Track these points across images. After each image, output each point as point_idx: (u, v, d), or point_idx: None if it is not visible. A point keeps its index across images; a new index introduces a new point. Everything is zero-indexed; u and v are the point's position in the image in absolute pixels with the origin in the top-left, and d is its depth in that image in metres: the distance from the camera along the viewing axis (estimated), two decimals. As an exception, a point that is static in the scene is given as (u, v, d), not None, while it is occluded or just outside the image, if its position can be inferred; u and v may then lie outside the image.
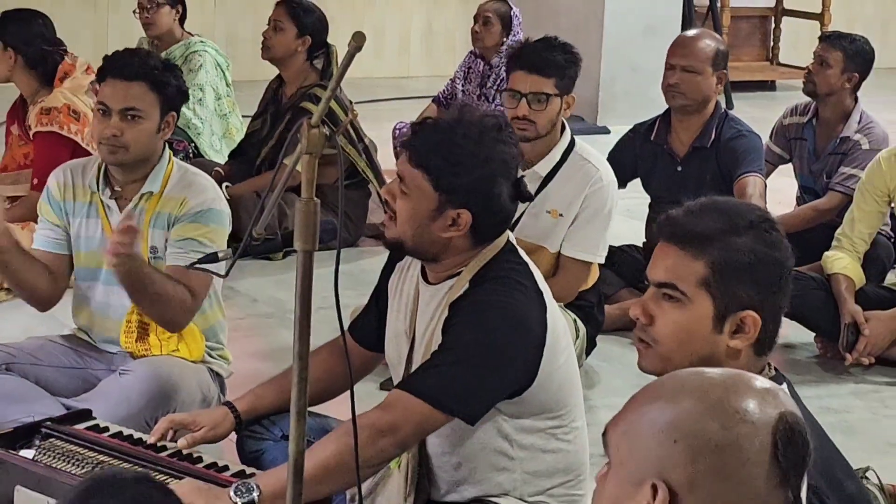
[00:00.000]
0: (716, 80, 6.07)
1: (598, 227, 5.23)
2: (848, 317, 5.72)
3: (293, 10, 7.12)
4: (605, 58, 10.48)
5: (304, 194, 3.30)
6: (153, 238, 4.46)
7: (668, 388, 1.88)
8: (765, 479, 1.80)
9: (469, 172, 3.43)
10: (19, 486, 3.64)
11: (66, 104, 6.13)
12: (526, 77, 5.18)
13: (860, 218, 5.98)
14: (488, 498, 3.61)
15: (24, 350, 4.61)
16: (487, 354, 3.41)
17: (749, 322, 2.64)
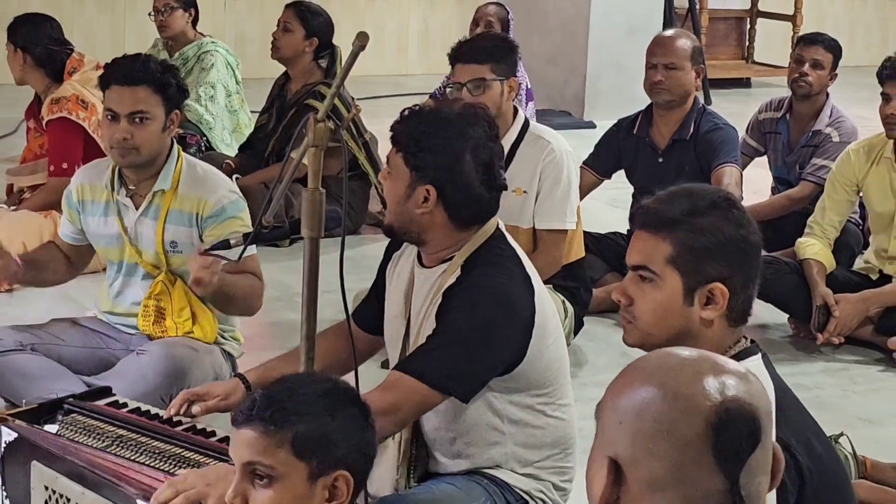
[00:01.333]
0: (694, 74, 6.07)
1: (560, 195, 5.22)
2: (819, 299, 5.72)
3: (301, 12, 7.11)
4: (591, 57, 10.46)
5: (310, 185, 3.30)
6: (170, 233, 4.47)
7: (631, 372, 1.88)
8: (700, 463, 1.78)
9: (435, 150, 3.45)
10: (35, 461, 3.65)
11: (75, 94, 6.14)
12: (463, 68, 5.22)
13: (831, 206, 5.99)
14: (482, 470, 3.62)
15: (47, 331, 4.62)
16: (479, 337, 3.42)
17: (717, 293, 2.66)
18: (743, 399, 1.81)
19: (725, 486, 1.78)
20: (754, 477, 1.80)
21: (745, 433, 1.79)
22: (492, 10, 8.21)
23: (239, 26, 11.45)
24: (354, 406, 2.60)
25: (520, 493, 3.62)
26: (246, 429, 2.50)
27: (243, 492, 2.50)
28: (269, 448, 2.48)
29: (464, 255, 3.52)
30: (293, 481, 2.50)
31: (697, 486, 1.79)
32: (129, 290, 4.59)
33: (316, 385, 2.59)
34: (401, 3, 12.74)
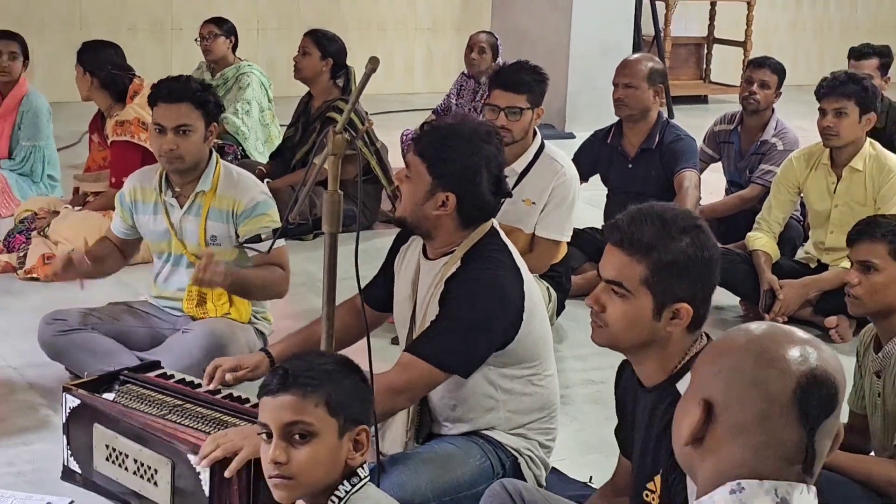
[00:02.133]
0: (653, 93, 6.05)
1: (563, 212, 5.23)
2: (766, 284, 5.73)
3: (317, 38, 7.11)
4: (571, 77, 10.45)
5: (330, 187, 3.30)
6: (211, 228, 4.49)
7: (723, 343, 1.91)
8: (786, 416, 1.80)
9: (457, 162, 3.45)
10: (97, 423, 3.66)
11: (136, 117, 6.11)
12: (503, 94, 5.20)
13: (776, 205, 5.99)
14: (479, 431, 3.63)
15: (106, 313, 4.63)
16: (477, 322, 3.43)
17: (683, 312, 2.65)
18: (827, 368, 1.82)
19: (802, 439, 1.80)
20: (824, 437, 1.82)
21: (827, 397, 1.81)
22: (483, 37, 8.26)
23: (270, 52, 11.45)
24: (357, 374, 2.63)
25: (511, 450, 3.62)
26: (284, 395, 2.51)
27: (284, 450, 2.50)
28: (308, 408, 2.50)
29: (463, 250, 3.53)
30: (327, 436, 2.52)
31: (777, 435, 1.81)
32: (175, 277, 4.61)
33: (326, 358, 2.62)
34: (408, 32, 12.73)
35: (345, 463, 2.55)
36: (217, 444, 3.28)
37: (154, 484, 3.48)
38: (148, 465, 3.48)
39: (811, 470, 1.80)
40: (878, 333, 3.63)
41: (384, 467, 3.44)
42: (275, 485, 2.53)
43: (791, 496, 1.80)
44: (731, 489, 1.80)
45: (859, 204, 5.68)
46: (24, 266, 5.99)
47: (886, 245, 3.58)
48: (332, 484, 2.54)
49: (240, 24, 8.56)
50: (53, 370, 4.60)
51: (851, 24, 14.79)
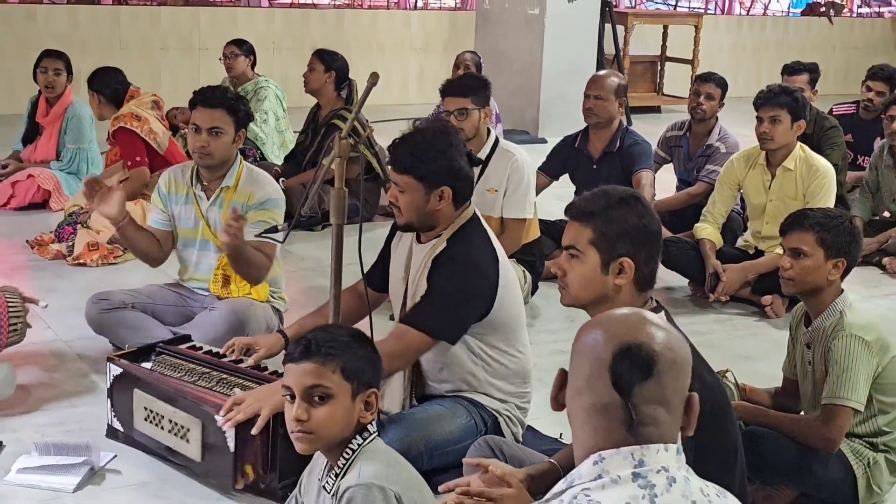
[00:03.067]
0: (618, 104, 6.06)
1: (521, 193, 5.23)
2: (711, 268, 5.74)
3: (322, 55, 7.11)
4: (543, 90, 10.44)
5: (336, 185, 3.31)
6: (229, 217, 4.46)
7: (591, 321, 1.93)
8: (601, 379, 1.82)
9: (435, 161, 3.47)
10: (136, 389, 3.66)
11: (130, 112, 6.23)
12: (451, 100, 5.25)
13: (719, 200, 6.00)
14: (463, 393, 3.64)
15: (143, 294, 4.62)
16: (460, 296, 3.45)
17: (626, 266, 2.69)
18: (647, 343, 1.81)
19: (618, 400, 1.80)
20: (649, 403, 1.80)
21: (638, 365, 1.80)
22: (468, 56, 8.27)
23: (284, 69, 11.43)
24: (368, 344, 2.65)
25: (492, 411, 3.64)
26: (305, 362, 2.54)
27: (306, 409, 2.53)
28: (327, 373, 2.53)
29: (448, 233, 3.55)
30: (343, 398, 2.55)
31: (599, 397, 1.82)
32: (203, 261, 4.59)
33: (342, 331, 2.64)
34: (403, 51, 12.71)
35: (357, 421, 2.57)
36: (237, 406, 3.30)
37: (186, 441, 3.48)
38: (181, 424, 3.49)
39: (634, 430, 1.78)
40: (807, 310, 3.64)
41: (384, 425, 3.45)
42: (297, 438, 2.56)
43: (647, 457, 1.78)
44: (594, 461, 1.80)
45: (791, 198, 5.69)
46: (73, 253, 5.98)
47: (814, 234, 3.58)
48: (347, 438, 2.57)
49: (258, 45, 8.54)
50: (98, 343, 4.59)
51: (785, 44, 14.80)
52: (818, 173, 5.68)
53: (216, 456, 3.41)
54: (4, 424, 3.92)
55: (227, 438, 3.34)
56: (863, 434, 3.53)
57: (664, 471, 1.78)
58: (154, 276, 5.02)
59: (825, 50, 15.02)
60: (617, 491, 1.75)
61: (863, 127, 7.70)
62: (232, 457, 3.35)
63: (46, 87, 7.03)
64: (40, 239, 6.18)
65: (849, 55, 15.32)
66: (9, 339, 4.07)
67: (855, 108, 7.82)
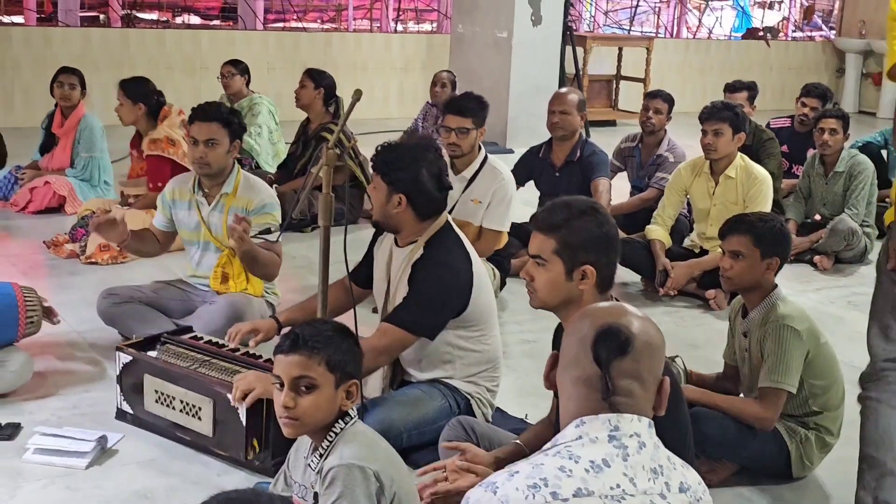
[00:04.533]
0: (579, 118, 6.08)
1: (503, 208, 5.23)
2: (661, 266, 5.76)
3: (312, 73, 7.08)
4: (511, 105, 10.44)
5: (325, 191, 3.31)
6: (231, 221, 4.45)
7: (583, 309, 2.01)
8: (585, 356, 1.87)
9: (401, 170, 3.47)
10: (147, 374, 3.65)
11: (166, 136, 6.09)
12: (453, 118, 5.20)
13: (668, 204, 6.02)
14: (440, 379, 3.65)
15: (149, 289, 4.60)
16: (438, 296, 3.45)
17: (588, 272, 2.68)
18: (624, 325, 1.88)
19: (598, 372, 1.85)
20: (623, 377, 1.85)
21: (615, 343, 1.86)
22: (444, 75, 8.27)
23: (277, 86, 11.38)
24: (351, 338, 2.64)
25: (465, 394, 3.64)
26: (294, 354, 2.53)
27: (293, 398, 2.53)
28: (313, 365, 2.52)
29: (424, 239, 3.54)
30: (327, 388, 2.53)
31: (584, 371, 1.87)
32: (205, 260, 4.58)
33: (327, 326, 2.62)
34: (384, 70, 12.69)
35: (339, 408, 2.57)
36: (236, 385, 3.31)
37: (198, 418, 3.49)
38: (193, 403, 3.50)
39: (610, 400, 1.84)
40: (745, 303, 3.67)
41: (366, 408, 3.45)
42: (284, 423, 2.55)
43: (622, 424, 1.83)
44: (576, 425, 1.85)
45: (732, 203, 5.72)
46: (85, 253, 5.95)
47: (750, 237, 3.61)
48: (329, 423, 2.56)
49: (253, 64, 8.51)
50: (109, 334, 4.57)
51: (727, 64, 14.85)
52: (757, 180, 5.71)
53: (227, 430, 3.43)
54: (23, 407, 3.90)
55: (240, 415, 3.36)
56: (796, 414, 3.56)
57: (636, 436, 1.84)
58: (159, 273, 5.00)
59: (763, 70, 15.08)
60: (594, 448, 1.81)
61: (797, 139, 7.74)
62: (244, 431, 3.37)
63: (62, 99, 6.98)
64: (56, 240, 6.15)
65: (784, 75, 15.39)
66: (26, 329, 4.05)
67: (790, 121, 7.87)
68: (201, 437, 3.51)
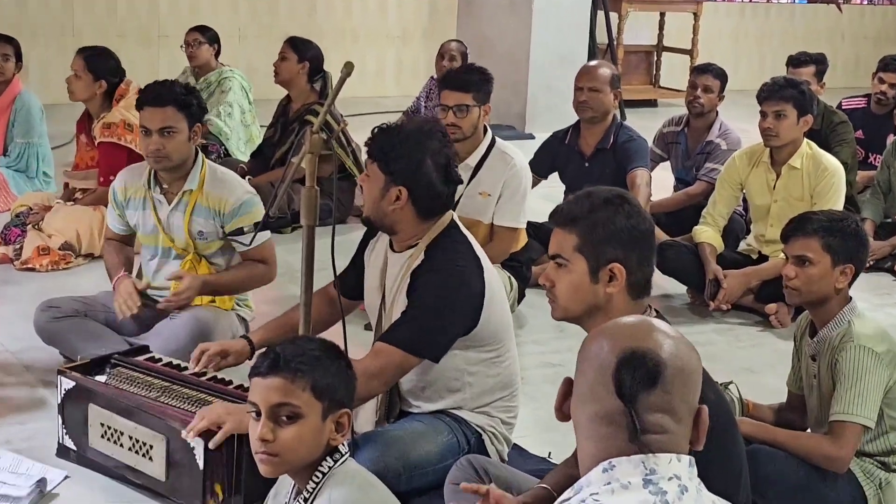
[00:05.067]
0: (613, 96, 6.09)
1: (517, 201, 5.23)
2: (711, 274, 5.76)
3: (294, 43, 7.10)
4: (531, 82, 10.46)
5: (308, 184, 3.31)
6: (198, 224, 4.46)
7: (594, 330, 1.98)
8: (605, 386, 1.85)
9: (403, 158, 3.46)
10: (91, 404, 3.65)
11: (122, 119, 6.04)
12: (450, 94, 5.20)
13: (720, 201, 6.02)
14: (446, 410, 3.64)
15: (98, 301, 4.61)
16: (442, 310, 3.43)
17: (616, 272, 2.68)
18: (653, 350, 1.85)
19: (621, 408, 1.83)
20: (653, 412, 1.83)
21: (643, 373, 1.83)
22: (453, 45, 8.26)
23: (250, 58, 11.42)
24: (342, 359, 2.63)
25: (475, 427, 3.63)
26: (273, 377, 2.52)
27: (271, 429, 2.51)
28: (296, 391, 2.51)
29: (426, 242, 3.53)
30: (312, 418, 2.52)
31: (602, 403, 1.85)
32: (165, 267, 4.58)
33: (315, 344, 2.62)
34: (379, 40, 12.72)
35: (327, 442, 2.56)
36: (202, 416, 3.31)
37: (149, 458, 3.48)
38: (143, 441, 3.49)
39: (638, 440, 1.82)
40: (813, 320, 3.66)
41: (357, 444, 3.45)
42: (261, 460, 2.54)
43: (658, 465, 1.82)
44: (604, 468, 1.83)
45: (797, 199, 5.72)
46: (21, 257, 5.96)
47: (819, 240, 3.60)
48: (315, 461, 2.56)
49: (222, 32, 8.53)
50: (48, 354, 4.58)
51: (790, 32, 14.87)
52: (826, 172, 5.71)
53: (183, 474, 3.41)
54: (-54, 443, 3.91)
55: (196, 455, 3.34)
56: (874, 453, 3.55)
57: (676, 478, 1.83)
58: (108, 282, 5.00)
59: (833, 39, 15.10)
60: (627, 496, 1.80)
61: (874, 122, 7.74)
62: (201, 474, 3.35)
63: (-8, 73, 7.00)
64: (-16, 242, 6.16)
65: (859, 45, 15.41)
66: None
67: (866, 101, 7.87)
68: (153, 480, 3.51)
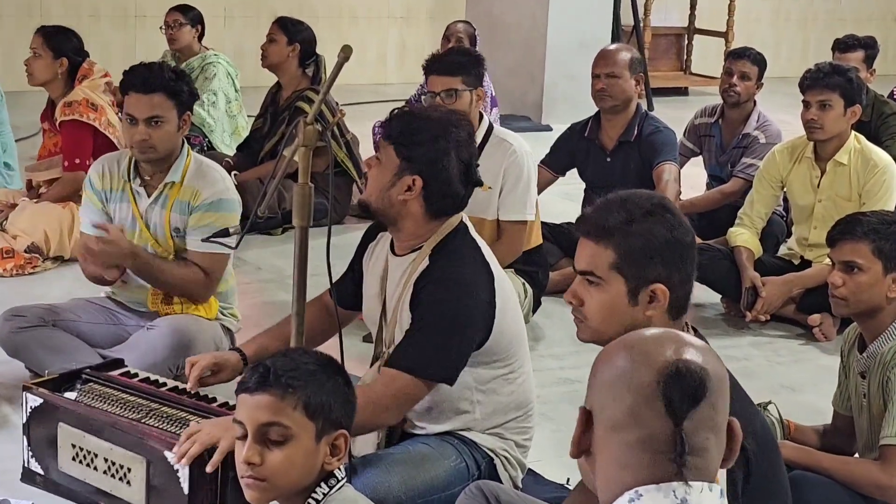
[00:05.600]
0: (634, 82, 6.08)
1: (521, 190, 5.24)
2: (748, 282, 5.76)
3: (284, 24, 7.13)
4: (548, 69, 10.48)
5: (301, 180, 3.31)
6: (174, 220, 4.47)
7: (612, 344, 1.95)
8: (650, 407, 1.83)
9: (423, 145, 3.45)
10: (61, 423, 3.66)
11: (85, 98, 6.08)
12: (437, 79, 5.24)
13: (758, 200, 6.02)
14: (454, 432, 3.63)
15: (67, 309, 4.61)
16: (452, 326, 3.43)
17: (659, 293, 2.64)
18: (694, 362, 1.85)
19: (671, 429, 1.82)
20: (700, 430, 1.84)
21: (691, 388, 1.83)
22: (461, 27, 8.26)
23: (237, 41, 11.44)
24: (341, 375, 2.63)
25: (486, 451, 3.63)
26: (261, 394, 2.52)
27: (259, 452, 2.51)
28: (286, 409, 2.51)
29: (430, 245, 3.52)
30: (304, 440, 2.52)
31: (648, 427, 1.84)
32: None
33: (310, 357, 2.61)
34: (380, 20, 12.73)
35: (321, 467, 2.55)
36: (192, 439, 3.29)
37: (127, 483, 3.48)
38: (120, 463, 3.49)
39: (683, 460, 1.81)
40: (862, 333, 3.65)
41: (356, 468, 3.45)
42: (247, 485, 2.54)
43: (690, 496, 1.81)
44: (630, 498, 1.82)
45: (844, 199, 5.72)
46: (-19, 261, 5.97)
47: (869, 244, 3.59)
48: (308, 486, 2.55)
49: (206, 13, 8.54)
50: (12, 368, 4.58)
51: (836, 14, 14.87)
52: (876, 169, 5.71)
53: (165, 499, 3.41)
54: None
55: (181, 479, 3.34)
56: (929, 481, 3.54)
57: None
58: (80, 287, 5.01)
59: (884, 22, 15.09)
60: None
61: (929, 113, 7.73)
62: (186, 500, 3.35)
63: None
64: (-58, 243, 6.16)
65: (913, 28, 15.41)
66: None
67: (920, 90, 7.87)
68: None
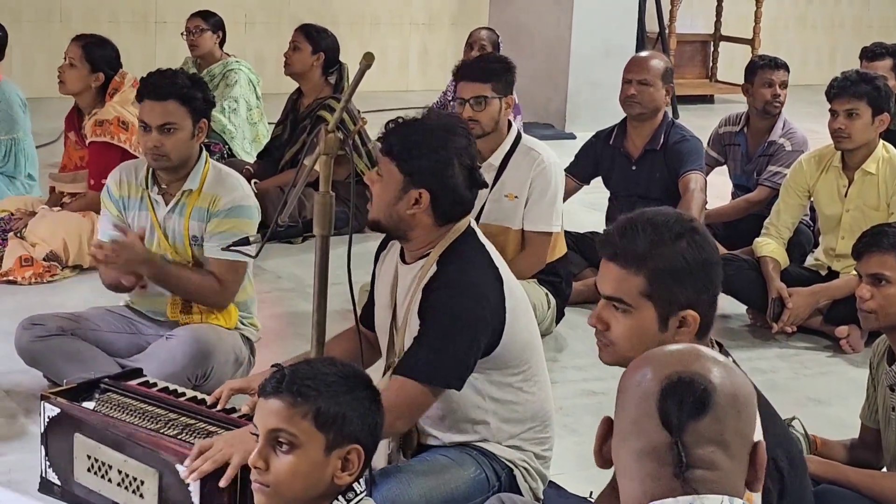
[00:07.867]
0: (664, 91, 6.09)
1: (548, 201, 5.25)
2: (774, 292, 5.74)
3: (308, 31, 7.14)
4: (572, 75, 10.47)
5: (322, 188, 3.32)
6: (193, 228, 4.47)
7: (632, 362, 1.96)
8: (651, 418, 1.84)
9: (426, 157, 3.43)
10: (77, 433, 3.66)
11: (117, 116, 6.07)
12: (467, 85, 5.27)
13: (785, 209, 6.01)
14: (472, 442, 3.62)
15: (85, 318, 4.62)
16: (460, 331, 3.42)
17: (689, 319, 2.59)
18: (698, 374, 1.85)
19: (667, 440, 1.82)
20: (702, 444, 1.82)
21: (691, 400, 1.82)
22: (484, 34, 8.25)
23: (258, 48, 11.47)
24: (368, 389, 2.61)
25: (505, 461, 3.62)
26: (274, 399, 2.52)
27: (266, 456, 2.52)
28: (294, 417, 2.51)
29: (438, 251, 3.51)
30: (312, 450, 2.51)
31: (648, 437, 1.84)
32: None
33: (336, 367, 2.60)
34: (402, 27, 12.75)
35: (331, 480, 2.54)
36: (203, 454, 3.29)
37: (140, 496, 3.48)
38: (134, 475, 3.49)
39: (684, 472, 1.80)
40: (891, 345, 3.63)
41: (375, 480, 3.44)
42: (255, 489, 2.56)
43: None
44: None
45: (872, 208, 5.70)
46: (1, 269, 5.99)
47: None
48: (317, 498, 2.55)
49: (227, 18, 8.58)
50: (31, 377, 4.60)
51: (864, 21, 14.82)
52: (905, 178, 5.69)
53: (178, 513, 3.41)
54: (-84, 476, 3.93)
55: (192, 493, 3.34)
56: (958, 496, 3.52)
57: None
58: (99, 296, 5.02)
59: (914, 29, 15.04)
60: None
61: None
62: (197, 513, 3.35)
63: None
64: (-40, 252, 6.19)
65: (942, 35, 15.36)
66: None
67: (950, 99, 7.83)
68: (144, 520, 3.51)
